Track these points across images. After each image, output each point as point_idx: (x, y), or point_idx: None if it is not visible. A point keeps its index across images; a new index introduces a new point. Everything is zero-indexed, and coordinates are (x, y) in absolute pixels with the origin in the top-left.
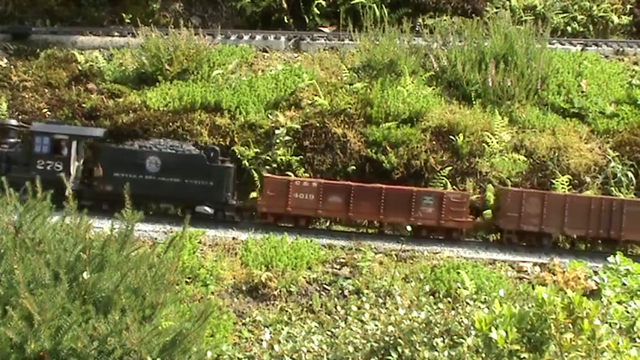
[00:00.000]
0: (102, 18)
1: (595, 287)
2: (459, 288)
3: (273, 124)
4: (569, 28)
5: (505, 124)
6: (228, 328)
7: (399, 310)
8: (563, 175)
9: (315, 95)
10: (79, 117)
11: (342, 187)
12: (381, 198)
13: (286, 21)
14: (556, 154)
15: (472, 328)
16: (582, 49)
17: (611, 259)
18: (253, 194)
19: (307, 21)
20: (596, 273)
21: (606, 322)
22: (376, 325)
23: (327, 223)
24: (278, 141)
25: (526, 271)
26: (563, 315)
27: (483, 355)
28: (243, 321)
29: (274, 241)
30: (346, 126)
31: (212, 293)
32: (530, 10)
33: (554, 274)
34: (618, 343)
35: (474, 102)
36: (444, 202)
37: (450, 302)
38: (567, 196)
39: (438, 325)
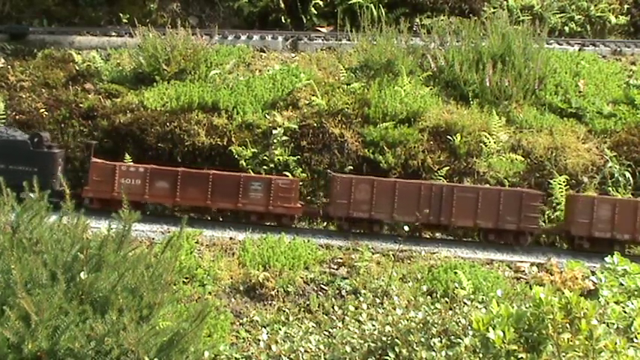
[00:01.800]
0: (99, 18)
1: (592, 287)
2: (457, 288)
3: (270, 124)
4: (566, 28)
5: (502, 124)
6: (226, 328)
7: (396, 310)
8: (560, 175)
9: (313, 95)
10: (76, 117)
11: (169, 173)
12: (209, 183)
13: (284, 21)
14: (553, 154)
15: (469, 328)
16: (580, 49)
17: (608, 259)
18: None
19: (305, 21)
20: (593, 273)
21: (604, 322)
22: (374, 325)
23: (325, 224)
24: (275, 141)
25: (523, 271)
26: (560, 315)
27: (481, 355)
28: (241, 321)
29: (272, 241)
30: (344, 126)
31: (209, 293)
32: (528, 10)
33: (552, 274)
34: (616, 343)
35: (472, 102)
36: (273, 188)
37: (447, 302)
38: (397, 182)
39: (436, 325)
